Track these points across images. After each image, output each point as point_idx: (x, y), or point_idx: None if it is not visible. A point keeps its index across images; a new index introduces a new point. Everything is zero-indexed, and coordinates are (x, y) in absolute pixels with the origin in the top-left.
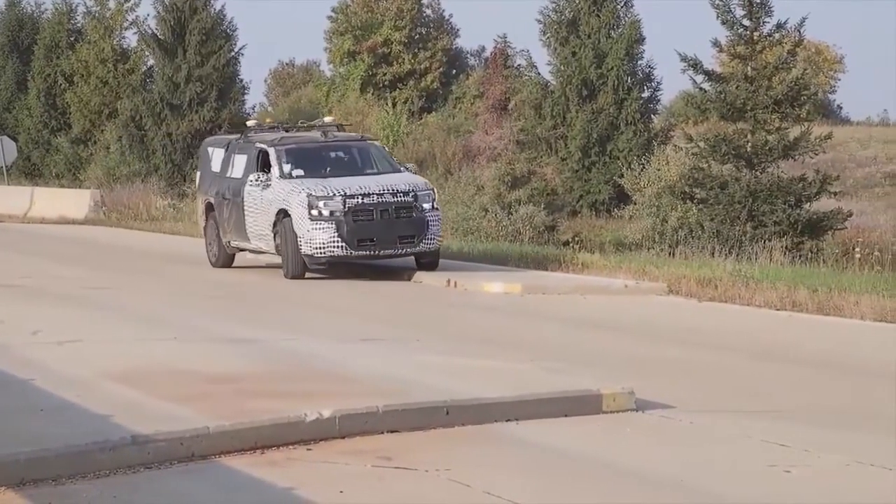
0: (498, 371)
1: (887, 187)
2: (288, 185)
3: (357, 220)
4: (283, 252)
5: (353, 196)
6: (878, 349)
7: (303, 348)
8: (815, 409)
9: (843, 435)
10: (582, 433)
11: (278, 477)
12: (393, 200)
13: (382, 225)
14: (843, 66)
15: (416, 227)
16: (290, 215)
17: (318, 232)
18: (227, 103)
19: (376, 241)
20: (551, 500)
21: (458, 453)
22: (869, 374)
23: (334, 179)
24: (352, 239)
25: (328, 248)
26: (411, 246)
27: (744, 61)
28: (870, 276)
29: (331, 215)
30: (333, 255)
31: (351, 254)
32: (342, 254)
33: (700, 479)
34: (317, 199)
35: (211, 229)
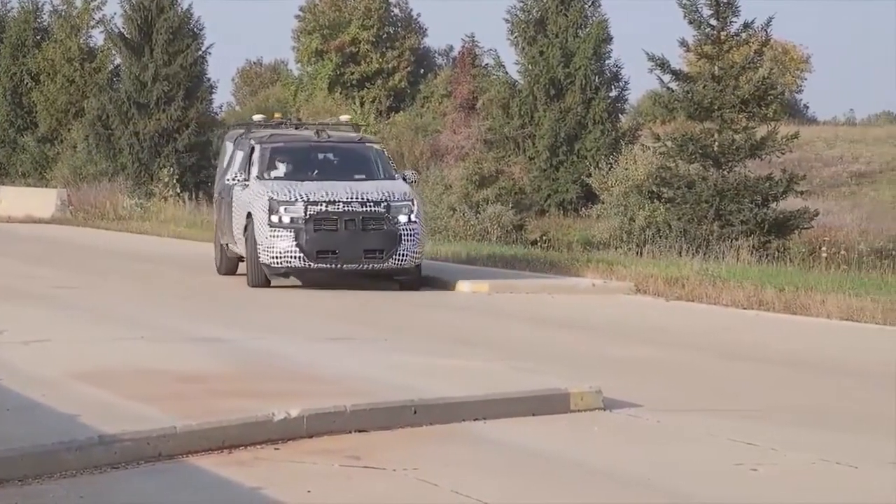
0: (465, 370)
1: (853, 186)
2: (259, 186)
3: (319, 229)
4: (246, 258)
5: (316, 202)
6: (845, 348)
7: (271, 348)
8: (782, 407)
9: (810, 433)
10: (550, 432)
11: (246, 476)
12: (361, 210)
13: (347, 236)
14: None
15: (386, 241)
16: (253, 219)
17: (277, 240)
18: (194, 102)
19: (339, 253)
20: (519, 499)
21: (426, 452)
22: (836, 373)
23: (301, 184)
24: (311, 250)
25: (286, 258)
26: (378, 261)
27: (711, 61)
28: (836, 275)
29: (291, 222)
30: (291, 266)
31: (310, 266)
32: (300, 265)
33: (667, 477)
34: (278, 203)
35: (217, 230)
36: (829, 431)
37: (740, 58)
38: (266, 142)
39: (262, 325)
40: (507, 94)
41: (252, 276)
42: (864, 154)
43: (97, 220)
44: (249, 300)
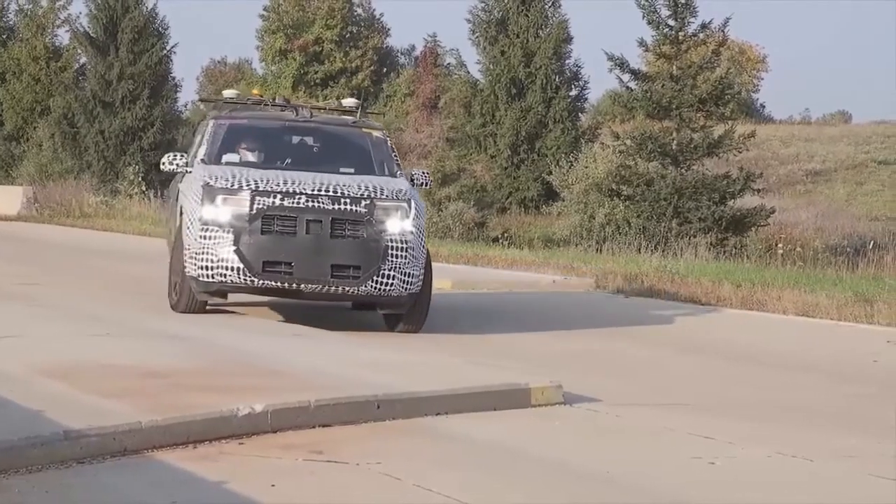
0: (428, 365)
1: (809, 185)
2: (199, 171)
3: (268, 230)
4: (169, 270)
5: (267, 193)
6: (801, 343)
7: (235, 344)
8: (740, 402)
9: (767, 427)
10: (510, 426)
11: (210, 471)
12: (330, 208)
13: (308, 244)
14: (766, 65)
15: (364, 255)
16: (183, 216)
17: (210, 243)
18: (159, 101)
19: (294, 267)
20: (480, 492)
21: (389, 447)
22: (792, 368)
23: (253, 170)
24: (255, 259)
25: (219, 271)
26: (352, 282)
27: (669, 61)
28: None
29: (231, 219)
30: (226, 281)
31: (252, 282)
32: (239, 281)
33: (626, 470)
34: (214, 191)
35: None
36: (786, 425)
37: (698, 58)
38: (223, 118)
39: (224, 320)
40: (469, 94)
41: (176, 296)
42: (820, 153)
43: (63, 217)
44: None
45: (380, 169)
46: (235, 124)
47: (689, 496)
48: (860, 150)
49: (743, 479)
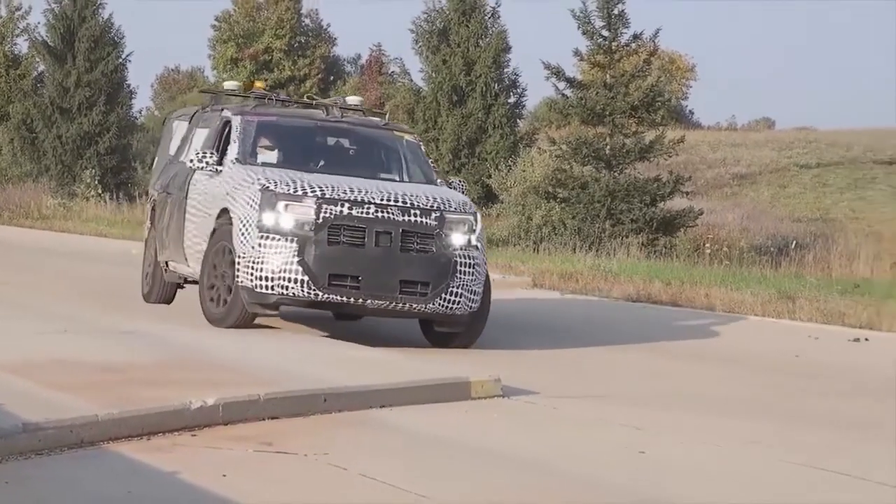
0: (372, 360)
1: (735, 187)
2: (243, 172)
3: (335, 240)
4: (203, 281)
5: (334, 201)
6: (727, 338)
7: (190, 340)
8: (668, 394)
9: (695, 418)
10: (452, 418)
11: (164, 462)
12: (401, 219)
13: (377, 257)
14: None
15: (434, 271)
16: (232, 220)
17: (269, 252)
18: (115, 107)
19: (362, 281)
20: (423, 481)
21: (336, 438)
22: (719, 361)
23: (319, 176)
24: (321, 272)
25: (280, 282)
26: (419, 300)
27: (603, 69)
28: (719, 270)
29: (294, 227)
30: (287, 293)
31: (315, 296)
32: (301, 294)
33: (562, 460)
34: (275, 196)
35: (152, 242)
36: (713, 416)
37: (630, 67)
38: (251, 114)
39: (179, 316)
40: (413, 100)
41: (224, 308)
42: (745, 157)
43: (21, 218)
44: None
45: (418, 175)
46: (264, 122)
47: (620, 483)
48: (783, 154)
49: (670, 467)
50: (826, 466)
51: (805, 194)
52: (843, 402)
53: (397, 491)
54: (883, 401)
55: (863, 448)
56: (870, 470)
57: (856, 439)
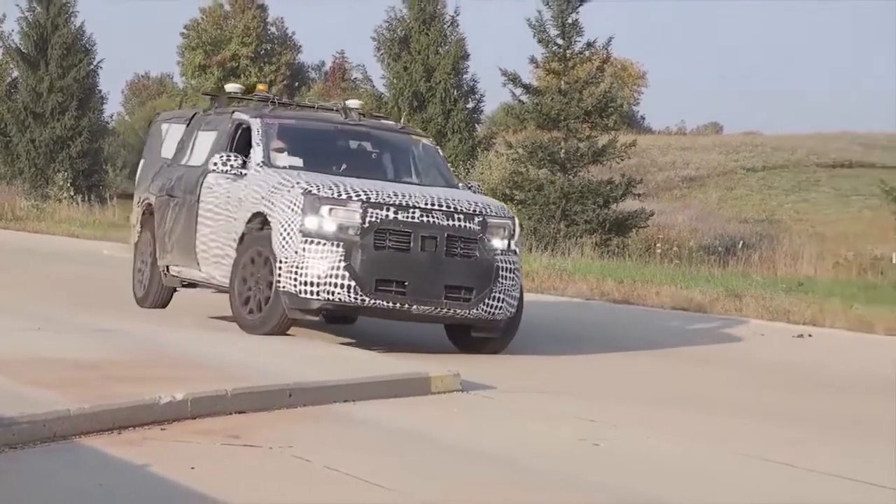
0: (337, 356)
1: (684, 189)
2: (275, 176)
3: (381, 246)
4: (235, 290)
5: (379, 205)
6: (676, 334)
7: (160, 337)
8: (622, 388)
9: (647, 411)
10: (413, 412)
11: (134, 455)
12: (446, 224)
13: (422, 262)
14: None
15: (477, 277)
16: (271, 224)
17: (313, 257)
18: (86, 112)
19: (408, 287)
20: (385, 472)
21: (300, 432)
22: (670, 357)
23: (359, 180)
24: (368, 277)
25: (326, 287)
26: (464, 305)
27: (558, 76)
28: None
29: (338, 232)
30: (333, 299)
31: (362, 302)
32: (348, 300)
33: (519, 451)
34: (319, 200)
35: (143, 245)
36: (666, 409)
37: (584, 73)
38: (270, 117)
39: (151, 314)
40: (374, 106)
41: (261, 316)
42: (694, 160)
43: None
44: None
45: (440, 179)
46: (285, 125)
47: (575, 474)
48: (730, 158)
49: (623, 458)
50: (774, 458)
51: (751, 196)
52: (792, 396)
53: (359, 482)
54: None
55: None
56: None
57: (804, 432)
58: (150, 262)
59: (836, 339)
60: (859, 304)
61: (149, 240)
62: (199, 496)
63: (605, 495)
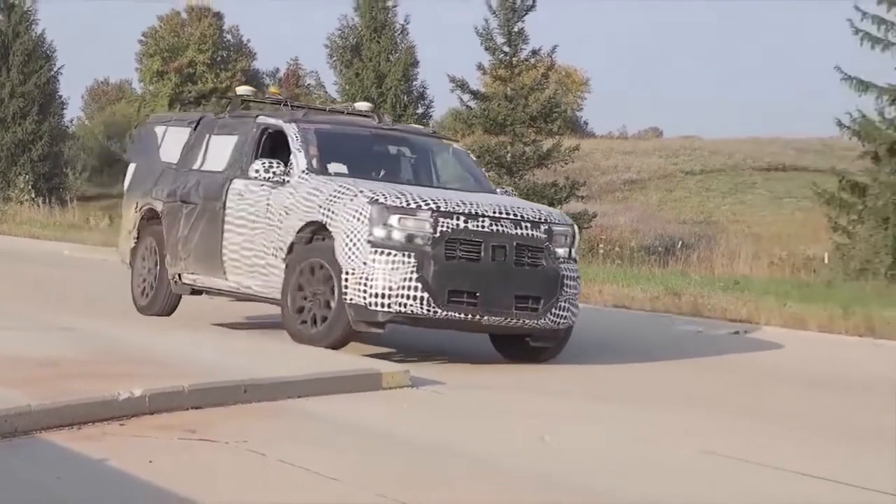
0: (291, 353)
1: (626, 192)
2: (329, 183)
3: (452, 256)
4: (288, 300)
5: (450, 214)
6: (622, 331)
7: (121, 335)
8: (570, 385)
9: (592, 407)
10: (364, 407)
11: (94, 449)
12: (515, 232)
13: (493, 272)
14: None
15: (545, 286)
16: (332, 235)
17: (384, 268)
18: (47, 117)
19: (479, 297)
20: (337, 465)
21: (255, 426)
22: (614, 354)
23: (423, 188)
24: (441, 288)
25: (398, 299)
26: (532, 315)
27: (504, 83)
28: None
29: (408, 242)
30: (405, 310)
31: (434, 313)
32: (420, 312)
33: (467, 445)
34: (388, 210)
35: (146, 252)
36: (605, 404)
37: (529, 80)
38: (305, 122)
39: (112, 313)
40: None
41: (320, 330)
42: (635, 164)
43: None
44: (101, 291)
45: (477, 184)
46: (322, 130)
47: (518, 465)
48: (669, 161)
49: (567, 451)
50: (718, 451)
51: (690, 198)
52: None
53: (312, 475)
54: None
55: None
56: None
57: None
58: (158, 270)
59: (771, 335)
60: (792, 302)
61: (151, 247)
62: (157, 489)
63: (550, 486)
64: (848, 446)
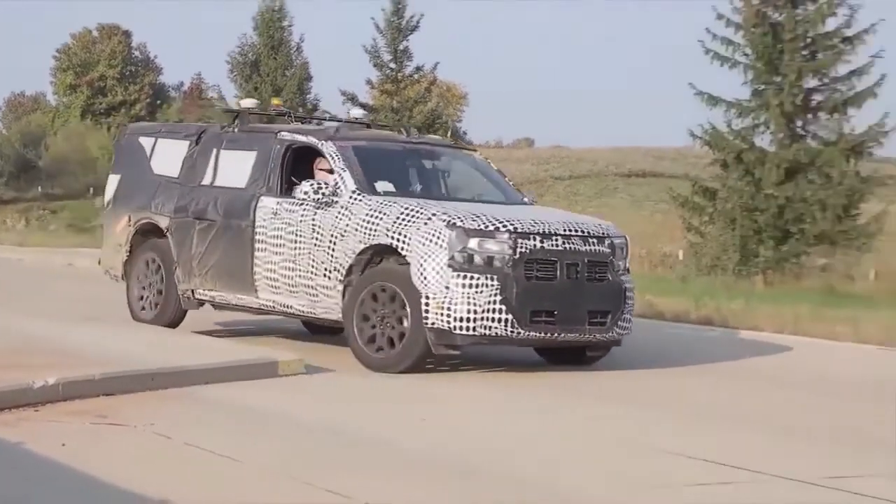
0: (197, 344)
1: None
2: (392, 206)
3: (530, 276)
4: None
5: (526, 234)
6: None
7: (37, 329)
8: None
9: (474, 390)
10: (262, 393)
11: (9, 434)
12: (584, 249)
13: (568, 289)
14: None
15: (613, 300)
16: (407, 259)
17: (467, 291)
18: None
19: (557, 315)
20: (238, 447)
21: (162, 412)
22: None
23: (493, 207)
24: (523, 309)
25: (483, 322)
26: (601, 329)
27: (390, 96)
28: None
29: (489, 264)
30: (488, 334)
31: (518, 334)
32: (504, 333)
33: (354, 425)
34: (467, 232)
35: (145, 266)
36: (485, 388)
37: (414, 94)
38: (340, 139)
39: (28, 309)
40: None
41: (394, 354)
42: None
43: None
44: (18, 289)
45: (511, 195)
46: (359, 147)
47: (407, 445)
48: (541, 168)
49: (447, 429)
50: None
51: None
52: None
53: (214, 456)
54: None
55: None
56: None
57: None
58: (164, 287)
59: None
60: (651, 295)
61: (153, 262)
62: (69, 469)
63: (434, 462)
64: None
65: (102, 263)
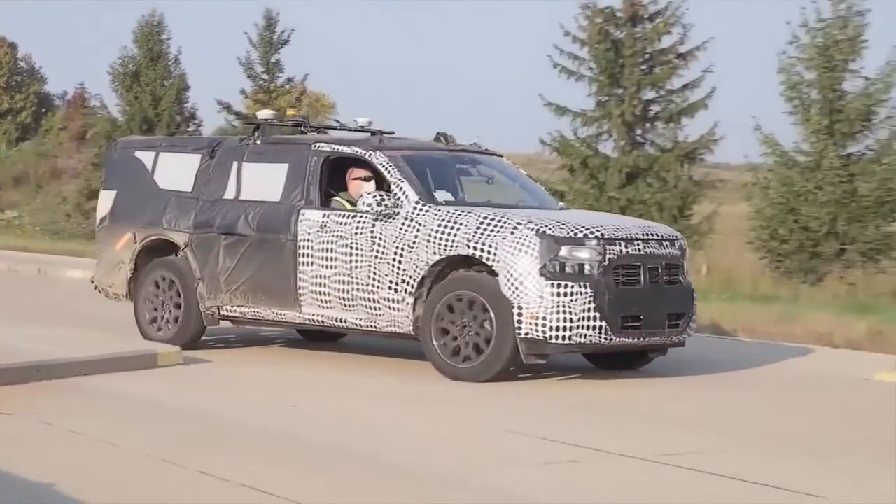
0: (79, 338)
1: None
2: (468, 216)
3: (618, 282)
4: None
5: (613, 240)
6: None
7: None
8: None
9: (344, 377)
10: (142, 383)
11: None
12: (662, 253)
13: (650, 293)
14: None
15: (686, 302)
16: (495, 269)
17: (562, 300)
18: None
19: (643, 320)
20: (120, 433)
21: (47, 401)
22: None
23: (578, 213)
24: (615, 315)
25: (578, 330)
26: (676, 331)
27: (264, 105)
28: None
29: (580, 272)
30: (584, 341)
31: (610, 341)
32: (598, 340)
33: (227, 411)
34: (557, 241)
35: (154, 287)
36: (356, 375)
37: (285, 104)
38: (387, 149)
39: None
40: (110, 128)
41: (477, 365)
42: None
43: None
44: None
45: (545, 200)
46: (408, 156)
47: (275, 429)
48: None
49: (318, 416)
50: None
51: None
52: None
53: (95, 441)
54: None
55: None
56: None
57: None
58: (184, 303)
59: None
60: None
61: (165, 279)
62: None
63: (299, 444)
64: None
65: (97, 281)
